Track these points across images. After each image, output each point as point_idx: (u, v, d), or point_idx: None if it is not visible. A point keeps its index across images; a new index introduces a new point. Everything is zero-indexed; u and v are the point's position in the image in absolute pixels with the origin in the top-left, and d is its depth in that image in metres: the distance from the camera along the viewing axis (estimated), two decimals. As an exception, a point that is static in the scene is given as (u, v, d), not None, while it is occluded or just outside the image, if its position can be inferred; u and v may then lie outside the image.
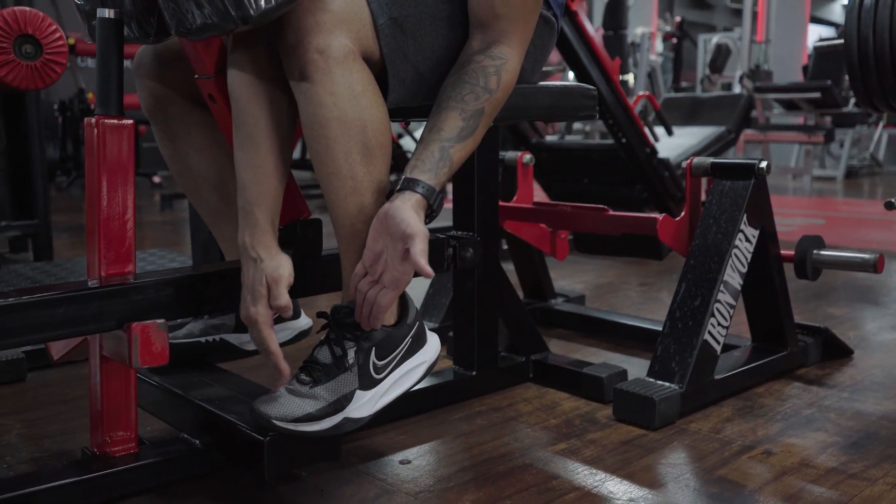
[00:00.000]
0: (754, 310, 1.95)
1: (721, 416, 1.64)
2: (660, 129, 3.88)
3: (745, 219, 1.77)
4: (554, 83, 1.59)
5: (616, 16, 7.71)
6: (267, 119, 1.21)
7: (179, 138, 1.42)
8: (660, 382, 1.63)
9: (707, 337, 1.67)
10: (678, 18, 11.21)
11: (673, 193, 3.32)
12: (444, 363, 1.83)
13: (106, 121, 1.22)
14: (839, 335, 2.09)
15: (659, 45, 12.83)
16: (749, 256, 1.78)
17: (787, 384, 1.85)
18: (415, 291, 1.48)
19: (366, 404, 1.21)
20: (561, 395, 1.76)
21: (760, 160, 1.80)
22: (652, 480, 1.36)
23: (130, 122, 1.24)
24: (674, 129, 3.93)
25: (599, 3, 10.46)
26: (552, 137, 6.49)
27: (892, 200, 1.92)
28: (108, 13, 1.22)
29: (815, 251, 1.93)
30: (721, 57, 10.16)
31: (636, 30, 10.27)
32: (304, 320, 1.55)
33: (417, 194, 1.15)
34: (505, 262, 2.05)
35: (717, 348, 1.70)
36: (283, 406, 1.17)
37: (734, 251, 1.74)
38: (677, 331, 1.69)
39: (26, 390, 1.79)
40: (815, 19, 17.60)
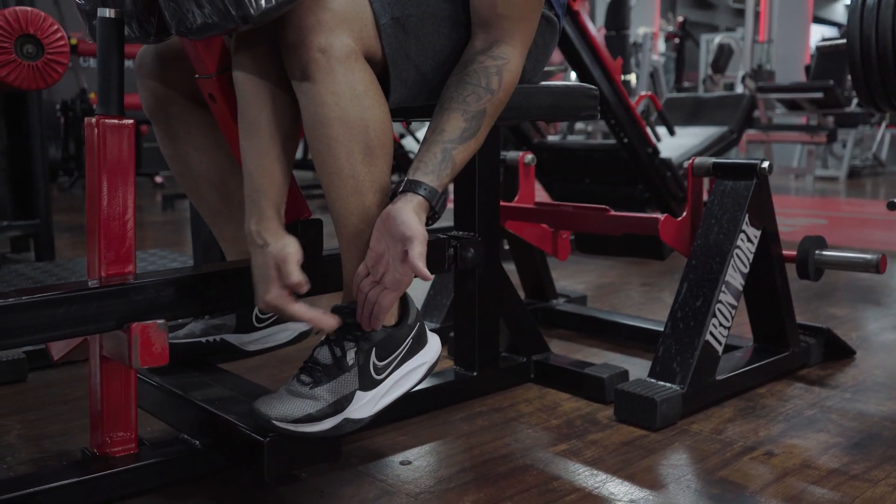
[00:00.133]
0: (756, 310, 1.95)
1: (722, 416, 1.64)
2: (662, 129, 3.87)
3: (746, 219, 1.76)
4: (555, 83, 1.59)
5: (618, 16, 7.71)
6: (272, 110, 1.21)
7: (180, 138, 1.42)
8: (661, 383, 1.63)
9: (708, 337, 1.66)
10: (680, 18, 11.21)
11: (675, 193, 3.32)
12: (445, 363, 1.83)
13: (106, 121, 1.22)
14: (841, 336, 2.08)
15: (661, 45, 12.84)
16: (751, 257, 1.78)
17: (788, 385, 1.84)
18: (416, 292, 1.47)
19: (366, 405, 1.21)
20: (562, 395, 1.76)
21: (762, 160, 1.80)
22: (653, 481, 1.36)
23: (131, 122, 1.24)
24: (676, 129, 3.93)
25: (602, 3, 10.46)
26: (554, 137, 6.49)
27: (895, 200, 1.91)
28: (108, 13, 1.22)
29: (816, 251, 1.92)
30: (723, 57, 10.15)
31: (638, 30, 10.28)
32: (304, 321, 1.55)
33: (419, 196, 1.15)
34: (506, 263, 2.05)
35: (719, 349, 1.69)
36: (283, 407, 1.17)
37: (736, 251, 1.74)
38: (679, 331, 1.69)
39: (27, 391, 1.79)
40: (818, 19, 17.59)
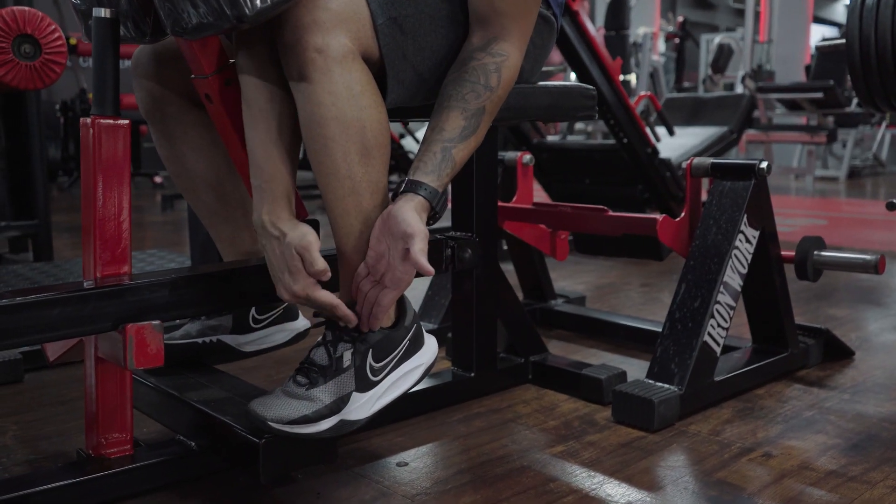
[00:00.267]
0: (755, 311, 1.94)
1: (721, 417, 1.64)
2: (661, 130, 3.87)
3: (745, 219, 1.76)
4: (553, 83, 1.58)
5: (618, 16, 7.71)
6: (279, 101, 1.19)
7: (177, 138, 1.42)
8: (659, 384, 1.63)
9: (707, 338, 1.66)
10: (680, 18, 11.22)
11: (675, 194, 3.31)
12: (442, 364, 1.82)
13: (101, 121, 1.21)
14: (840, 336, 2.08)
15: (661, 45, 12.85)
16: (749, 257, 1.77)
17: (787, 386, 1.84)
18: (413, 293, 1.47)
19: (362, 406, 1.20)
20: (560, 396, 1.75)
21: (761, 160, 1.79)
22: (651, 483, 1.35)
23: (126, 122, 1.23)
24: (676, 129, 3.92)
25: (602, 3, 10.46)
26: (554, 138, 6.48)
27: (895, 201, 1.91)
28: (103, 13, 1.21)
29: (815, 252, 1.92)
30: (723, 57, 10.16)
31: (638, 30, 10.28)
32: (301, 321, 1.55)
33: (420, 196, 1.15)
34: (504, 263, 2.04)
35: (717, 350, 1.69)
36: (279, 408, 1.16)
37: (734, 252, 1.73)
38: (677, 332, 1.68)
39: (23, 391, 1.78)
40: (818, 19, 17.60)
